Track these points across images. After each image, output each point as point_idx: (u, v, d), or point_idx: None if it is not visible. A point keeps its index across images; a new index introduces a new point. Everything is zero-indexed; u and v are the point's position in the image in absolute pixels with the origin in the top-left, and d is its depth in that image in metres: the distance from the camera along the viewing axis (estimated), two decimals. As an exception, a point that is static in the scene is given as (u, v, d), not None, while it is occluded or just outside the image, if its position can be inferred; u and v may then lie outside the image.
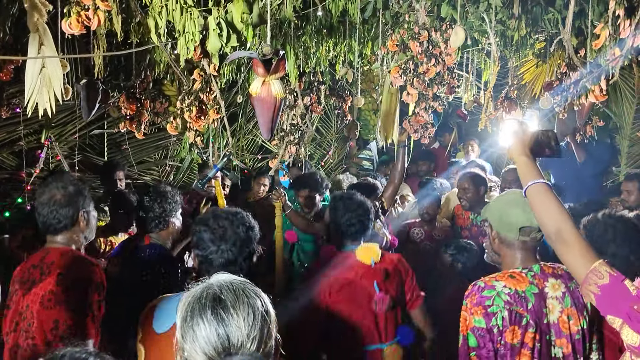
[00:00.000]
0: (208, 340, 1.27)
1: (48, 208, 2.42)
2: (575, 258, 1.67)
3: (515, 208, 2.20)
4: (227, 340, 1.27)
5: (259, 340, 1.29)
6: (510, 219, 2.21)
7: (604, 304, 1.61)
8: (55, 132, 5.49)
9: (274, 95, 2.52)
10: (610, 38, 2.57)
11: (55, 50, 2.63)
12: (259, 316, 1.31)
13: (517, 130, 1.93)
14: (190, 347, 1.29)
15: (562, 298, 2.14)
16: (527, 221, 2.17)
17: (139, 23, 2.94)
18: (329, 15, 3.80)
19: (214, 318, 1.28)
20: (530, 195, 1.82)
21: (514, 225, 2.19)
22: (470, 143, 6.79)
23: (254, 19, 2.61)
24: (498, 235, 2.26)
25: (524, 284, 2.13)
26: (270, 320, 1.34)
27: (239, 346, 1.27)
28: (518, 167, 1.92)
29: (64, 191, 2.45)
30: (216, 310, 1.29)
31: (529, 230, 2.18)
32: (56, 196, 2.44)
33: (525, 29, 3.63)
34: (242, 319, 1.28)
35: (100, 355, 1.25)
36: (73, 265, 2.39)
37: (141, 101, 4.13)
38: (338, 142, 7.92)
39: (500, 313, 2.07)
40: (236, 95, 5.74)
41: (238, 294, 1.32)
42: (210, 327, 1.27)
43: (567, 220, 1.71)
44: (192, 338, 1.29)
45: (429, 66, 3.12)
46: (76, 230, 2.48)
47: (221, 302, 1.30)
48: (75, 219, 2.46)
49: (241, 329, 1.28)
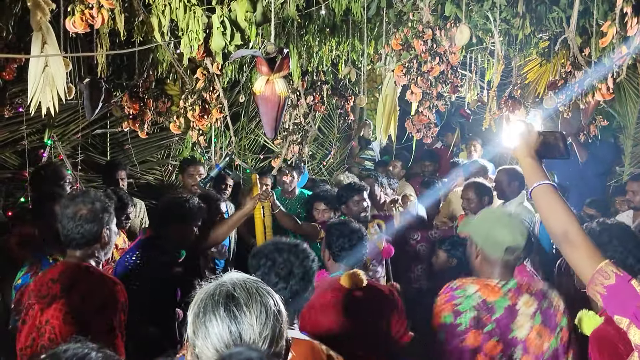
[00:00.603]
0: (220, 337, 1.27)
1: (73, 222, 2.39)
2: (582, 259, 1.66)
3: (502, 228, 2.28)
4: (239, 337, 1.26)
5: (271, 339, 1.29)
6: (497, 239, 2.27)
7: (610, 304, 1.60)
8: (58, 132, 5.48)
9: (278, 93, 2.51)
10: (617, 36, 2.55)
11: (58, 49, 2.63)
12: (272, 315, 1.31)
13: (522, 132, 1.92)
14: (202, 343, 1.29)
15: (533, 315, 2.21)
16: (514, 241, 2.25)
17: (142, 22, 2.94)
18: (332, 14, 3.79)
19: (227, 315, 1.28)
20: (536, 196, 1.81)
21: (500, 245, 2.26)
22: (472, 143, 6.77)
23: (257, 18, 2.60)
24: (482, 253, 2.32)
25: (496, 295, 2.23)
26: (282, 320, 1.33)
27: (250, 344, 1.26)
28: (523, 168, 1.91)
29: (91, 207, 2.42)
30: (229, 307, 1.29)
31: (514, 249, 2.25)
32: (82, 211, 2.41)
33: (530, 28, 3.62)
34: (255, 317, 1.28)
35: (102, 350, 1.24)
36: (98, 284, 2.37)
37: (144, 100, 4.12)
38: (340, 142, 7.91)
39: (467, 313, 2.19)
40: (238, 95, 5.73)
41: (251, 292, 1.32)
42: (223, 324, 1.28)
43: (573, 222, 1.70)
44: (204, 334, 1.29)
45: (433, 65, 3.11)
46: (97, 246, 2.45)
47: (234, 300, 1.30)
48: (98, 236, 2.44)
49: (253, 327, 1.28)
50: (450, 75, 3.35)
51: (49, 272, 2.40)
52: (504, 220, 2.30)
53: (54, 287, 2.31)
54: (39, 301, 2.30)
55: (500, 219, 2.33)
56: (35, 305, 2.31)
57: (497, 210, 2.49)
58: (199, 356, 1.31)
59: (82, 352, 1.20)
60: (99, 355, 1.22)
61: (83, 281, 2.36)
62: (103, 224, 2.46)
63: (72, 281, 2.34)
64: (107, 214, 2.49)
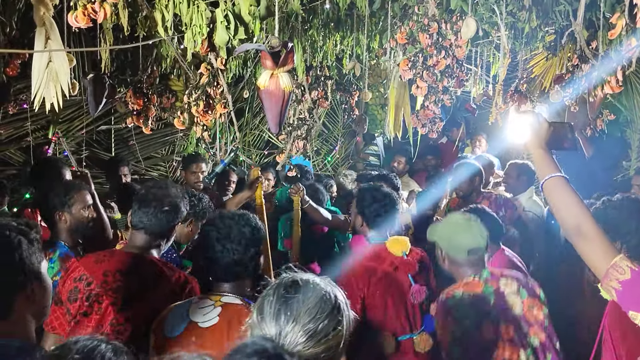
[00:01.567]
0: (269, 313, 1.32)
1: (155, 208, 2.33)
2: (595, 253, 1.62)
3: (462, 232, 2.51)
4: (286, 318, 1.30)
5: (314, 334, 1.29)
6: (459, 242, 2.49)
7: (625, 299, 1.57)
8: (62, 128, 5.49)
9: (282, 88, 2.48)
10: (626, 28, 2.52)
11: (61, 44, 2.61)
12: (326, 313, 1.32)
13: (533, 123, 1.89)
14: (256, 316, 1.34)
15: (517, 291, 2.42)
16: (475, 243, 2.46)
17: (145, 16, 2.92)
18: (337, 8, 3.76)
19: (283, 295, 1.33)
20: (547, 189, 1.77)
21: (462, 248, 2.47)
22: (477, 138, 6.73)
23: (261, 12, 2.58)
24: (447, 256, 2.53)
25: (478, 287, 2.43)
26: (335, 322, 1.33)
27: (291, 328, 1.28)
28: (534, 160, 1.87)
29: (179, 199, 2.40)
30: (288, 290, 1.34)
31: (476, 250, 2.48)
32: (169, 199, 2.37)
33: (536, 21, 3.58)
34: (308, 308, 1.31)
35: (112, 342, 1.24)
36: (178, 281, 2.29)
37: (148, 96, 4.11)
38: (345, 137, 7.88)
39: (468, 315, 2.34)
40: (242, 91, 5.72)
41: (315, 286, 1.37)
42: (276, 302, 1.33)
43: (586, 214, 1.66)
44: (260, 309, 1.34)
45: (438, 58, 3.08)
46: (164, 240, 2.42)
47: (295, 286, 1.36)
48: (172, 228, 2.42)
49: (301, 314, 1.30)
50: (456, 69, 3.32)
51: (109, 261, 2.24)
52: (464, 225, 2.52)
53: (126, 281, 2.19)
54: (108, 294, 2.17)
55: (460, 224, 2.55)
56: (104, 299, 2.17)
57: (458, 215, 2.70)
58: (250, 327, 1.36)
59: (92, 343, 1.20)
60: (108, 347, 1.21)
61: (166, 278, 2.26)
62: (179, 218, 2.44)
63: (154, 278, 2.24)
64: (185, 210, 2.48)
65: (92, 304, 2.17)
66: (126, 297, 2.18)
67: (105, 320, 2.16)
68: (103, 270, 2.21)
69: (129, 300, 2.18)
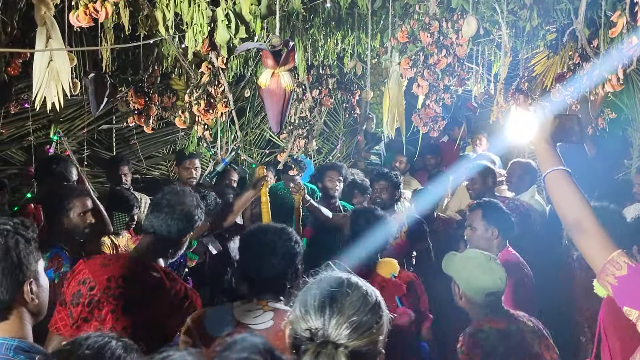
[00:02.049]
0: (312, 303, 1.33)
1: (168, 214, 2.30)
2: (594, 248, 1.62)
3: (483, 274, 2.44)
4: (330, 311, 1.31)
5: (356, 326, 1.30)
6: (478, 285, 2.44)
7: (621, 295, 1.57)
8: (63, 127, 5.49)
9: (284, 87, 2.49)
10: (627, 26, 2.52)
11: (62, 44, 2.62)
12: (369, 308, 1.34)
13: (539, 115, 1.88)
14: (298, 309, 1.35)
15: (532, 331, 2.40)
16: (494, 287, 2.41)
17: (146, 16, 2.92)
18: (338, 7, 3.76)
19: (329, 288, 1.35)
20: (549, 182, 1.77)
21: (481, 290, 2.43)
22: (478, 136, 6.72)
23: (262, 11, 2.58)
24: (464, 295, 2.47)
25: (503, 324, 2.39)
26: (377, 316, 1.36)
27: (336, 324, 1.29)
28: (538, 153, 1.86)
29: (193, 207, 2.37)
30: (333, 285, 1.36)
31: (495, 294, 2.43)
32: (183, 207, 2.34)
33: (537, 20, 3.58)
34: (352, 301, 1.33)
35: (122, 340, 1.26)
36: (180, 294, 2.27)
37: (149, 95, 4.11)
38: (346, 136, 7.88)
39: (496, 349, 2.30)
40: (244, 90, 5.72)
41: (359, 284, 1.39)
42: (322, 293, 1.34)
43: (586, 209, 1.65)
44: (304, 299, 1.36)
45: (440, 57, 3.08)
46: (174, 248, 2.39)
47: (340, 279, 1.38)
48: (183, 236, 2.37)
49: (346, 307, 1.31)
50: (457, 68, 3.31)
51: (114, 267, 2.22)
52: (484, 266, 2.46)
53: (131, 289, 2.17)
54: (109, 301, 2.15)
55: (480, 264, 2.48)
56: (105, 305, 2.15)
57: (478, 253, 2.62)
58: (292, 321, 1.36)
59: (103, 340, 1.23)
60: (118, 344, 1.24)
61: (167, 290, 2.23)
62: (192, 228, 2.39)
63: (155, 288, 2.21)
64: (199, 221, 2.43)
65: (92, 310, 2.16)
66: (126, 304, 2.16)
67: (104, 327, 2.14)
68: (107, 275, 2.19)
69: (128, 308, 2.17)
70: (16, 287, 1.46)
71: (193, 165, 4.72)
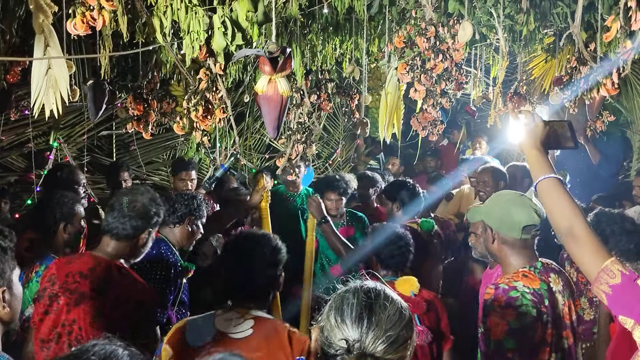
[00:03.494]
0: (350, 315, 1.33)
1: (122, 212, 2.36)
2: (587, 256, 1.61)
3: (516, 207, 2.28)
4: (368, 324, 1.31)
5: (393, 341, 1.31)
6: (512, 218, 2.27)
7: (615, 304, 1.56)
8: (64, 134, 5.52)
9: (280, 93, 2.50)
10: (621, 31, 2.52)
11: (61, 51, 2.63)
12: (404, 321, 1.35)
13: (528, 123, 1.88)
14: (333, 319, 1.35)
15: (562, 291, 2.26)
16: (530, 219, 2.25)
17: (144, 23, 2.94)
18: (335, 13, 3.77)
19: (365, 299, 1.34)
20: (540, 190, 1.77)
21: (516, 224, 2.26)
22: (478, 140, 6.74)
23: (259, 17, 2.59)
24: (498, 236, 2.31)
25: (536, 282, 2.20)
26: (411, 335, 1.36)
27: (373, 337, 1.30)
28: (528, 161, 1.87)
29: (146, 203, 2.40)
30: (369, 295, 1.36)
31: (531, 228, 2.26)
32: (136, 203, 2.38)
33: (534, 24, 3.58)
34: (389, 314, 1.33)
35: (128, 348, 1.28)
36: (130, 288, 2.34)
37: (148, 102, 4.12)
38: (345, 141, 7.90)
39: (529, 312, 2.14)
40: (243, 95, 5.73)
41: (394, 296, 1.39)
42: (358, 305, 1.34)
43: (578, 217, 1.65)
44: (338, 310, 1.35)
45: (436, 62, 3.09)
46: (132, 245, 2.41)
47: (377, 291, 1.38)
48: (139, 234, 2.40)
49: (384, 321, 1.32)
50: (455, 72, 3.32)
51: (75, 263, 2.32)
52: (516, 201, 2.31)
53: (83, 283, 2.25)
54: (65, 294, 2.24)
55: (512, 199, 2.33)
56: (62, 298, 2.25)
57: (507, 192, 2.49)
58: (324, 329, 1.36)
59: (110, 348, 1.25)
60: (125, 352, 1.26)
61: (116, 284, 2.31)
62: (148, 225, 2.41)
63: (104, 282, 2.28)
64: (156, 217, 2.45)
65: (52, 303, 2.26)
66: (78, 298, 2.24)
67: (59, 319, 2.24)
68: (67, 271, 2.28)
69: (78, 301, 2.24)
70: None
71: (189, 177, 4.70)
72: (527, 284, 2.19)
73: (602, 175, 5.77)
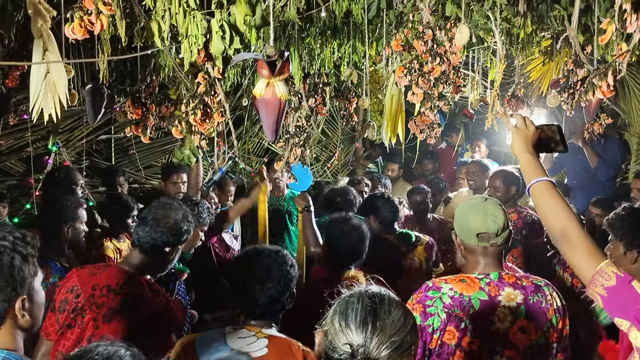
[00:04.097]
0: (355, 320, 1.33)
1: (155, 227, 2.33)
2: (581, 259, 1.61)
3: (474, 214, 2.22)
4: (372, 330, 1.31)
5: (398, 346, 1.31)
6: (468, 225, 2.22)
7: (610, 306, 1.56)
8: (62, 138, 5.52)
9: (278, 97, 2.50)
10: (616, 33, 2.53)
11: (59, 56, 2.64)
12: (408, 327, 1.35)
13: (520, 126, 1.89)
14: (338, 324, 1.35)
15: (516, 309, 2.14)
16: (483, 227, 2.18)
17: (142, 27, 2.94)
18: (333, 16, 3.78)
19: (370, 305, 1.35)
20: (533, 193, 1.77)
21: (471, 231, 2.21)
22: (477, 143, 6.75)
23: (257, 21, 2.60)
24: (462, 242, 2.28)
25: (472, 289, 2.15)
26: (414, 340, 1.36)
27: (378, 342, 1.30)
28: (521, 164, 1.87)
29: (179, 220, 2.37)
30: (374, 300, 1.36)
31: (487, 237, 2.19)
32: (169, 220, 2.35)
33: (531, 27, 3.60)
34: (393, 320, 1.33)
35: (131, 349, 1.28)
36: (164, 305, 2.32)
37: (147, 105, 4.13)
38: (344, 144, 7.91)
39: (437, 315, 2.12)
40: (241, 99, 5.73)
41: (397, 301, 1.39)
42: (362, 311, 1.34)
43: (572, 219, 1.65)
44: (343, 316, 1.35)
45: (433, 65, 3.09)
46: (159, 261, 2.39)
47: (381, 297, 1.38)
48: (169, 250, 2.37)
49: (388, 327, 1.32)
50: (452, 75, 3.33)
51: (101, 276, 2.26)
52: (477, 207, 2.23)
53: (113, 298, 2.20)
54: (91, 308, 2.19)
55: (473, 205, 2.26)
56: (87, 312, 2.19)
57: (476, 197, 2.44)
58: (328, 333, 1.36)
59: (112, 349, 1.26)
60: (127, 352, 1.27)
61: (149, 301, 2.27)
62: (178, 242, 2.39)
63: (138, 299, 2.24)
64: (186, 235, 2.42)
65: (76, 317, 2.21)
66: (107, 313, 2.19)
67: (85, 334, 2.19)
68: (93, 283, 2.23)
69: (108, 317, 2.20)
70: (7, 304, 1.47)
71: (181, 179, 4.65)
72: (456, 289, 2.15)
73: (599, 178, 5.78)
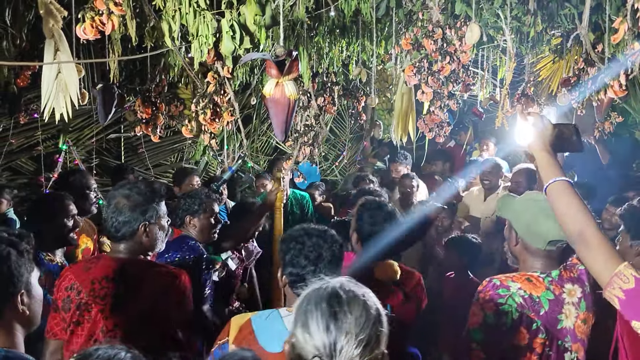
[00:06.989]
0: (318, 329, 1.32)
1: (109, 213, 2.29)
2: (599, 261, 1.58)
3: (546, 220, 2.08)
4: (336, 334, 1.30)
5: (367, 343, 1.30)
6: (540, 230, 2.11)
7: (629, 309, 1.52)
8: (72, 137, 5.56)
9: (288, 96, 2.51)
10: (629, 32, 2.51)
11: (70, 56, 2.66)
12: (372, 320, 1.33)
13: (537, 125, 1.86)
14: (301, 333, 1.34)
15: (578, 303, 2.12)
16: (558, 235, 2.06)
17: (153, 27, 2.96)
18: (342, 15, 3.78)
19: (328, 310, 1.33)
20: (550, 193, 1.73)
21: (543, 237, 2.11)
22: (485, 142, 6.72)
23: (266, 21, 2.61)
24: (522, 241, 2.17)
25: (540, 289, 2.10)
26: (382, 329, 1.35)
27: (345, 342, 1.29)
28: (538, 163, 1.83)
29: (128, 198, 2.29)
30: (331, 303, 1.34)
31: (557, 242, 2.11)
32: (120, 202, 2.29)
33: (541, 25, 3.58)
34: (355, 318, 1.32)
35: (132, 352, 1.28)
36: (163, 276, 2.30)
37: (156, 105, 4.15)
38: (352, 143, 7.90)
39: (511, 314, 2.05)
40: (250, 97, 5.75)
41: (356, 294, 1.36)
42: (322, 318, 1.32)
43: (589, 221, 1.61)
44: (304, 324, 1.34)
45: (443, 64, 3.09)
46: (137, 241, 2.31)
47: (338, 297, 1.35)
48: (135, 229, 2.29)
49: (351, 327, 1.31)
50: (462, 74, 3.32)
51: (96, 268, 2.25)
52: (548, 211, 2.05)
53: (112, 287, 2.20)
54: (96, 301, 2.20)
55: (544, 209, 2.10)
56: (93, 306, 2.20)
57: (541, 197, 2.18)
58: (295, 345, 1.35)
59: (113, 352, 1.26)
60: (128, 355, 1.27)
61: (146, 277, 2.27)
62: (142, 217, 2.29)
63: (135, 279, 2.24)
64: (150, 209, 2.31)
65: (82, 312, 2.22)
66: (113, 302, 2.21)
67: (96, 327, 2.21)
68: (91, 278, 2.24)
69: (116, 306, 2.21)
70: (6, 299, 1.48)
71: (196, 181, 4.72)
72: (524, 288, 2.09)
73: (611, 176, 5.74)
